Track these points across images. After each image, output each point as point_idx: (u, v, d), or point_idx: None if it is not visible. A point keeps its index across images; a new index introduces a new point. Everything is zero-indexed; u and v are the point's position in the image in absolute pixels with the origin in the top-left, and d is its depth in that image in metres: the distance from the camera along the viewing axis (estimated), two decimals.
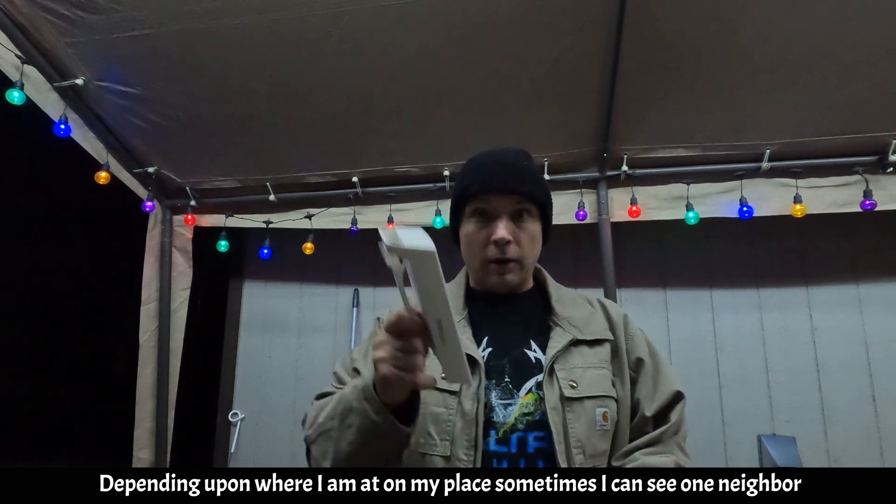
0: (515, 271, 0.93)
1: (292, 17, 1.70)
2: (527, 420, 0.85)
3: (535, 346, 0.91)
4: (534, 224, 0.93)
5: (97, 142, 2.20)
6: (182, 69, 1.91)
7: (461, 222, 0.97)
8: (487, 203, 0.91)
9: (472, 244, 0.94)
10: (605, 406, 0.87)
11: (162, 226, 2.58)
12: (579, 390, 0.86)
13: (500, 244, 0.90)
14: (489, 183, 0.91)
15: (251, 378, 2.82)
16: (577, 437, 0.84)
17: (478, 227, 0.93)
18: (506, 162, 0.94)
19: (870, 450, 2.15)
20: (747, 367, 2.32)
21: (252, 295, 2.92)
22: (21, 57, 1.85)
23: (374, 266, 2.79)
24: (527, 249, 0.93)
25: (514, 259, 0.91)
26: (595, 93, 1.88)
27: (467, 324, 0.94)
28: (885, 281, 2.27)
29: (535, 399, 0.86)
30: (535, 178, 0.95)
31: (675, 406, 0.91)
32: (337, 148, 2.22)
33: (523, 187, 0.91)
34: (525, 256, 0.93)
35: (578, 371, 0.88)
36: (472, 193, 0.92)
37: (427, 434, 0.85)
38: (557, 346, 0.89)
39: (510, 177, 0.91)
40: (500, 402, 0.86)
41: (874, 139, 1.93)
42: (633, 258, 2.47)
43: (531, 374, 0.88)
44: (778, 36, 1.65)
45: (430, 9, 1.66)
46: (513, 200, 0.91)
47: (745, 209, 2.04)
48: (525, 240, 0.92)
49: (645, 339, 0.97)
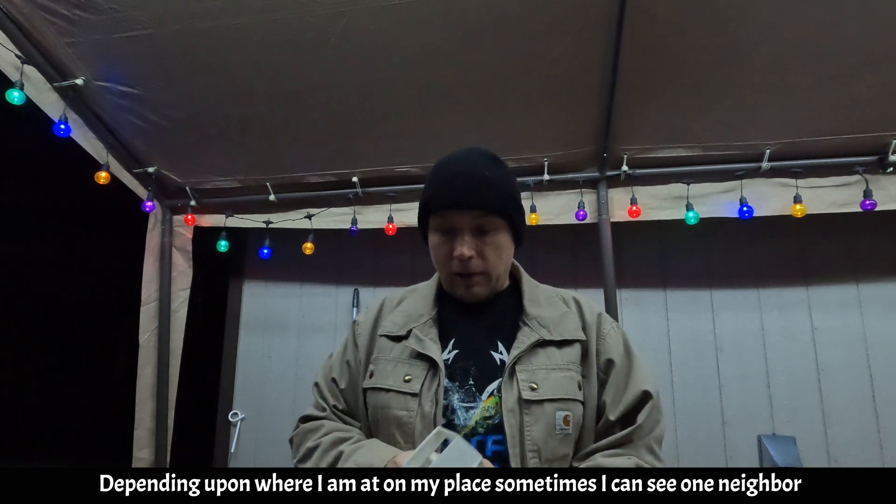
0: (481, 284, 0.91)
1: (292, 17, 1.70)
2: (487, 423, 0.84)
3: (501, 347, 0.90)
4: (499, 236, 0.90)
5: (97, 142, 2.20)
6: (182, 69, 1.91)
7: (428, 231, 0.95)
8: (447, 218, 0.89)
9: (437, 256, 0.93)
10: (567, 409, 0.85)
11: (162, 226, 2.58)
12: (539, 392, 0.84)
13: (463, 260, 0.88)
14: (449, 198, 0.87)
15: (251, 378, 2.82)
16: (534, 441, 0.82)
17: (441, 241, 0.91)
18: (468, 171, 0.89)
19: (870, 450, 2.15)
20: (747, 368, 2.32)
21: (252, 295, 2.92)
22: (21, 57, 1.85)
23: (374, 266, 2.79)
24: (492, 262, 0.90)
25: (478, 273, 0.90)
26: (595, 93, 1.88)
27: (433, 324, 0.92)
28: (885, 281, 2.27)
29: (495, 402, 0.84)
30: (499, 188, 0.89)
31: (642, 407, 0.86)
32: (337, 148, 2.22)
33: (484, 202, 0.87)
34: (491, 268, 0.91)
35: (542, 373, 0.86)
36: (433, 208, 0.90)
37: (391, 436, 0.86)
38: (521, 347, 0.87)
39: (471, 191, 0.87)
40: (462, 406, 0.85)
41: (874, 139, 1.93)
42: (633, 258, 2.47)
43: (495, 376, 0.87)
44: (778, 36, 1.65)
45: (430, 9, 1.66)
46: (474, 216, 0.87)
47: (745, 209, 2.04)
48: (490, 252, 0.89)
49: (621, 339, 0.93)
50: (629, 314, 2.45)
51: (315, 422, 0.95)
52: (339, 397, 0.97)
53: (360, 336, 0.99)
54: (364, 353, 0.96)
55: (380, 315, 0.99)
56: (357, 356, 0.97)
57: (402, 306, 0.98)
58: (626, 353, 0.92)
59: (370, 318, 1.00)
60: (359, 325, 1.01)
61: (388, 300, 1.02)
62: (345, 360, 0.99)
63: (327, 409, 0.97)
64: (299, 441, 0.93)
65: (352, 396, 0.96)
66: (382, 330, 0.96)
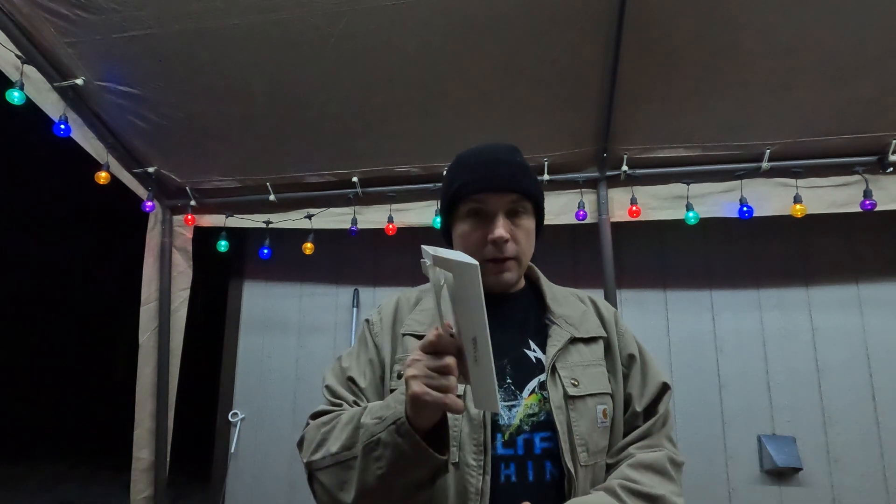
0: (513, 269, 0.91)
1: (292, 17, 1.70)
2: (532, 421, 0.84)
3: (534, 345, 0.90)
4: (529, 220, 0.92)
5: (97, 142, 2.20)
6: (182, 69, 1.91)
7: (454, 222, 0.94)
8: (482, 202, 0.89)
9: (467, 244, 0.91)
10: (604, 403, 0.88)
11: (162, 226, 2.58)
12: (581, 388, 0.86)
13: (499, 243, 0.88)
14: (484, 181, 0.89)
15: (251, 378, 2.82)
16: (581, 435, 0.83)
17: (473, 227, 0.90)
18: (498, 158, 0.92)
19: (870, 450, 2.15)
20: (747, 367, 2.32)
21: (252, 295, 2.92)
22: (21, 57, 1.85)
23: (374, 266, 2.79)
24: (524, 246, 0.92)
25: (511, 257, 0.90)
26: (595, 93, 1.88)
27: None
28: (885, 281, 2.27)
29: (538, 399, 0.85)
30: (528, 174, 0.93)
31: (662, 398, 0.92)
32: (337, 148, 2.22)
33: (518, 184, 0.89)
34: (522, 253, 0.92)
35: (579, 369, 0.88)
36: (465, 193, 0.90)
37: None
38: (557, 345, 0.88)
39: (505, 174, 0.89)
40: (504, 405, 0.85)
41: (874, 139, 1.93)
42: (633, 258, 2.47)
43: (533, 374, 0.87)
44: (778, 36, 1.65)
45: (429, 9, 1.66)
46: (509, 199, 0.89)
47: (745, 209, 2.04)
48: (522, 237, 0.91)
49: (632, 335, 0.99)
50: (629, 314, 2.45)
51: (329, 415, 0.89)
52: (360, 395, 0.92)
53: (377, 335, 0.97)
54: (387, 353, 0.94)
55: (397, 314, 0.98)
56: (379, 356, 0.94)
57: (422, 305, 0.97)
58: (640, 348, 0.97)
59: (388, 316, 0.98)
60: (374, 325, 0.98)
61: (404, 299, 1.01)
62: (366, 358, 0.95)
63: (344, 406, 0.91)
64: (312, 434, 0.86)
65: (374, 396, 0.92)
66: (407, 329, 0.94)
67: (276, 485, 2.67)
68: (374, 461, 0.73)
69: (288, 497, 2.65)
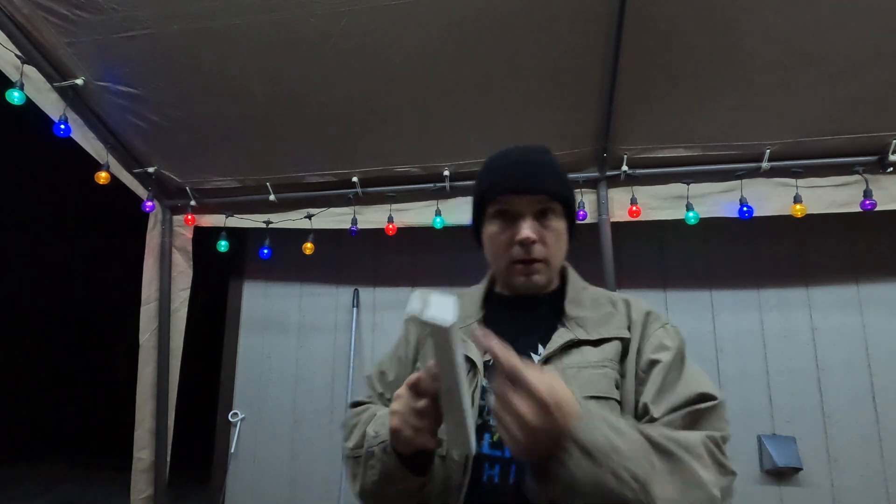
0: (542, 271, 0.90)
1: (292, 17, 1.70)
2: None
3: (541, 349, 0.88)
4: (559, 222, 0.91)
5: (97, 142, 2.20)
6: (182, 69, 1.91)
7: (483, 223, 0.94)
8: (509, 204, 0.89)
9: (495, 245, 0.91)
10: None
11: (162, 226, 2.58)
12: None
13: (526, 244, 0.87)
14: (510, 183, 0.88)
15: (251, 378, 2.82)
16: None
17: (501, 229, 0.90)
18: (527, 160, 0.91)
19: (870, 450, 2.15)
20: (747, 367, 2.32)
21: (252, 295, 2.92)
22: (21, 57, 1.85)
23: (374, 266, 2.79)
24: (553, 248, 0.90)
25: (540, 259, 0.89)
26: (595, 93, 1.88)
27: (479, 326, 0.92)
28: (885, 281, 2.27)
29: None
30: (558, 175, 0.91)
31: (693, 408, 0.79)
32: (337, 148, 2.22)
33: (546, 186, 0.88)
34: (551, 255, 0.90)
35: (571, 371, 0.84)
36: (492, 194, 0.90)
37: None
38: (553, 347, 0.86)
39: (532, 175, 0.88)
40: None
41: (874, 139, 1.93)
42: (633, 258, 2.46)
43: None
44: (778, 36, 1.65)
45: (429, 9, 1.66)
46: (536, 200, 0.88)
47: (745, 209, 2.04)
48: (551, 238, 0.90)
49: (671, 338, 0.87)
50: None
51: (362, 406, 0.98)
52: (387, 387, 0.98)
53: (410, 333, 1.01)
54: (413, 351, 0.99)
55: None
56: (407, 352, 1.00)
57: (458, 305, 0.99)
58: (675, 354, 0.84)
59: None
60: (409, 323, 1.03)
61: None
62: (396, 354, 1.01)
63: (374, 397, 0.99)
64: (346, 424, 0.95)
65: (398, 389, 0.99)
66: None
67: (276, 485, 2.67)
68: (370, 469, 0.80)
69: (288, 497, 2.65)
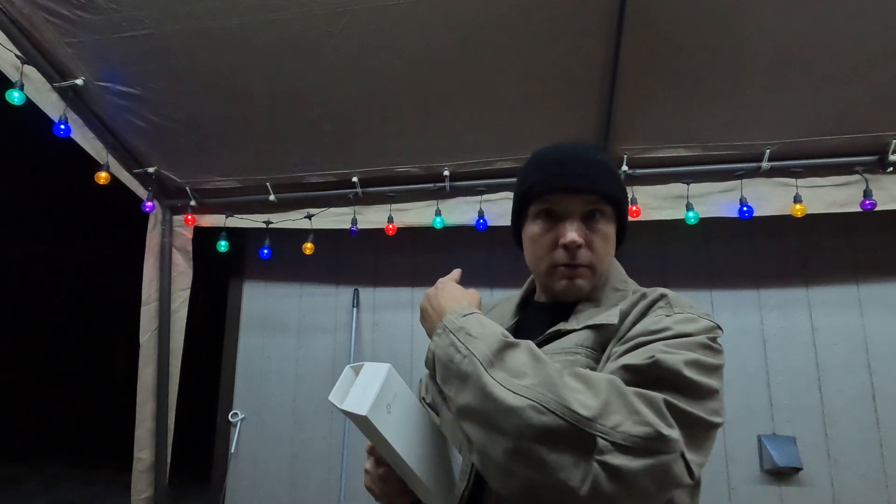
0: (587, 276, 0.82)
1: (292, 17, 1.70)
2: None
3: None
4: (607, 225, 0.83)
5: (97, 142, 2.20)
6: (182, 69, 1.91)
7: (524, 223, 0.88)
8: (556, 203, 0.82)
9: (537, 248, 0.84)
10: None
11: (162, 226, 2.58)
12: None
13: (570, 248, 0.80)
14: (558, 181, 0.81)
15: (251, 378, 2.82)
16: None
17: (544, 229, 0.83)
18: (576, 156, 0.83)
19: (870, 450, 2.15)
20: (747, 367, 2.32)
21: (252, 295, 2.92)
22: (21, 57, 1.85)
23: (374, 266, 2.79)
24: (600, 254, 0.82)
25: (585, 264, 0.81)
26: (595, 93, 1.88)
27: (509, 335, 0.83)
28: (885, 281, 2.27)
29: None
30: (610, 174, 0.84)
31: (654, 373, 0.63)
32: (337, 148, 2.22)
33: (597, 185, 0.80)
34: (599, 261, 0.82)
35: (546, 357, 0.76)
36: (537, 193, 0.82)
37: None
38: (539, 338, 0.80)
39: (582, 173, 0.81)
40: None
41: (874, 139, 1.93)
42: (633, 258, 2.45)
43: None
44: (778, 36, 1.65)
45: (430, 9, 1.66)
46: (584, 200, 0.81)
47: (745, 209, 2.04)
48: (598, 243, 0.82)
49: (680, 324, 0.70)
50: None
51: None
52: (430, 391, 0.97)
53: None
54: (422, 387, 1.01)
55: None
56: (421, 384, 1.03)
57: (491, 314, 0.97)
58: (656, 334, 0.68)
59: None
60: None
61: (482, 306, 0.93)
62: None
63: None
64: None
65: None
66: None
67: (276, 485, 2.67)
68: None
69: (288, 497, 2.65)
